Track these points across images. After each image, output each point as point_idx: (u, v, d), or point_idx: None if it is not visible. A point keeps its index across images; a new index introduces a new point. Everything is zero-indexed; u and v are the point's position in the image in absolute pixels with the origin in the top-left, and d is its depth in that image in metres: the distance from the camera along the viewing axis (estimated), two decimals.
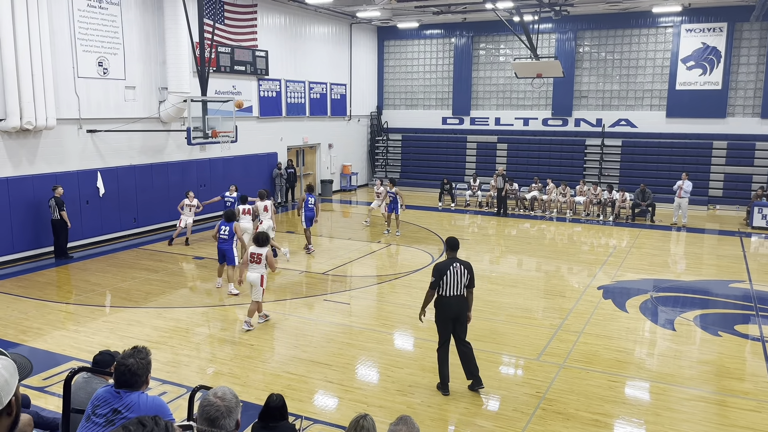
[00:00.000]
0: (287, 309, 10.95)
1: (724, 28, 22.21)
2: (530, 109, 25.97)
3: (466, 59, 26.61)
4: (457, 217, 20.91)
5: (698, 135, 22.96)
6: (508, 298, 11.60)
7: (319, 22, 24.15)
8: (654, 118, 23.77)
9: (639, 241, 16.84)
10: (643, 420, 7.00)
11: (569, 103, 24.97)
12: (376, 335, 9.59)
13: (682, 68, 22.93)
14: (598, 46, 24.56)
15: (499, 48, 26.34)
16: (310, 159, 25.06)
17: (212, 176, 19.24)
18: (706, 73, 22.62)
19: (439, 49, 27.46)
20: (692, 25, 22.64)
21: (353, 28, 26.30)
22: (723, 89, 22.46)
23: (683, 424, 6.87)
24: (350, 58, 26.46)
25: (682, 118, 23.19)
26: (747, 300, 11.62)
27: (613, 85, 24.42)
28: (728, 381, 8.05)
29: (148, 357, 3.75)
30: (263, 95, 21.45)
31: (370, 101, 28.43)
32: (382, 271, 13.58)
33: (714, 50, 22.41)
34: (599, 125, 24.58)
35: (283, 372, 8.17)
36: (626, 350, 9.07)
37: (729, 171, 22.30)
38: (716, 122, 22.77)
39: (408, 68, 28.18)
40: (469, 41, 26.46)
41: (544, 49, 24.64)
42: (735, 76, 22.57)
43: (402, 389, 7.65)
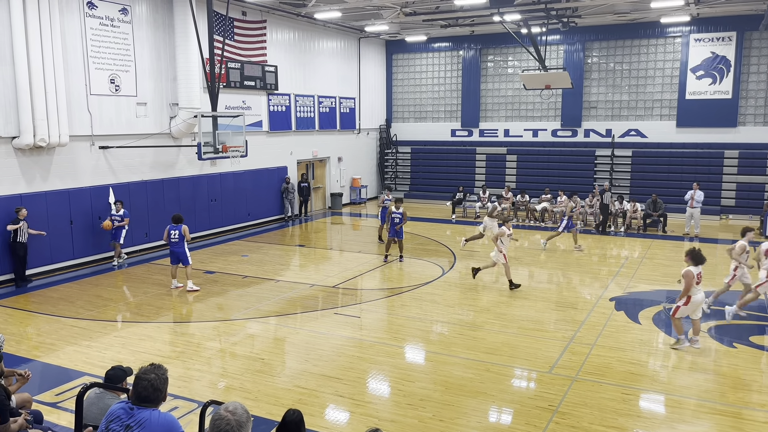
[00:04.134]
0: (298, 323, 10.96)
1: (733, 37, 22.15)
2: (539, 121, 25.95)
3: (474, 71, 26.68)
4: (469, 230, 20.85)
5: (709, 144, 22.83)
6: (519, 310, 11.54)
7: (327, 36, 24.35)
8: (664, 128, 23.67)
9: (651, 252, 16.71)
10: None
11: (578, 114, 24.93)
12: (386, 349, 9.57)
13: (691, 78, 22.86)
14: (606, 57, 24.55)
15: (507, 60, 26.40)
16: (320, 172, 25.16)
17: (222, 191, 19.36)
18: (716, 82, 22.53)
19: (447, 62, 27.57)
20: (701, 35, 22.59)
21: (362, 42, 26.48)
22: (734, 98, 22.35)
23: None
24: (359, 71, 26.62)
25: (692, 127, 23.07)
26: (762, 311, 11.47)
27: (623, 96, 24.38)
28: (744, 393, 7.94)
29: (167, 373, 3.77)
30: (273, 110, 21.60)
31: (379, 114, 28.55)
32: (393, 284, 13.56)
33: (723, 59, 22.34)
34: (609, 136, 24.51)
35: (294, 386, 8.16)
36: (640, 362, 8.98)
37: (741, 180, 22.13)
38: (727, 131, 22.63)
39: (416, 81, 28.30)
40: (477, 53, 26.55)
41: (553, 60, 24.66)
42: (745, 85, 22.46)
43: (413, 403, 7.61)
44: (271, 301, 12.26)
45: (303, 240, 19.43)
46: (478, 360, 9.04)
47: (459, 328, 10.55)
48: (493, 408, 7.56)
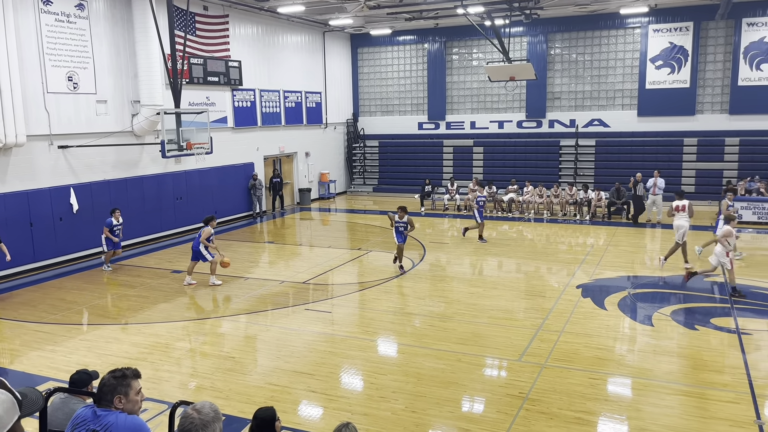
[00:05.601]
0: (268, 320, 10.88)
1: (690, 27, 22.68)
2: (505, 112, 26.20)
3: (439, 64, 26.78)
4: (437, 222, 20.97)
5: (669, 133, 23.39)
6: (489, 300, 11.66)
7: (292, 31, 24.13)
8: (626, 118, 24.16)
9: (616, 239, 17.06)
10: (625, 416, 7.08)
11: (543, 105, 25.26)
12: (358, 342, 9.57)
13: (651, 68, 23.35)
14: (569, 48, 24.90)
15: (472, 52, 26.57)
16: (288, 168, 24.98)
17: (188, 189, 19.07)
18: (674, 71, 23.06)
19: (412, 55, 27.60)
20: (659, 25, 23.08)
21: (326, 36, 26.32)
22: (691, 87, 22.91)
23: (664, 418, 6.96)
24: (324, 66, 26.47)
25: (653, 116, 23.60)
26: (722, 293, 11.83)
27: (585, 86, 24.77)
28: (707, 374, 8.18)
29: (124, 380, 3.65)
30: (238, 105, 21.34)
31: (345, 108, 28.45)
32: (363, 278, 13.56)
33: (681, 49, 22.87)
34: (573, 126, 24.90)
35: (265, 383, 8.11)
36: (606, 347, 9.17)
37: (700, 167, 22.73)
38: (686, 120, 23.20)
39: (382, 75, 28.28)
40: (442, 46, 26.65)
41: (516, 52, 24.91)
42: (702, 74, 23.04)
43: (386, 396, 7.64)
44: (240, 299, 12.14)
45: (272, 236, 19.29)
46: (449, 350, 9.12)
47: (430, 320, 10.62)
48: (465, 397, 7.63)
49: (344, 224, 21.44)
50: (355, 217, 22.09)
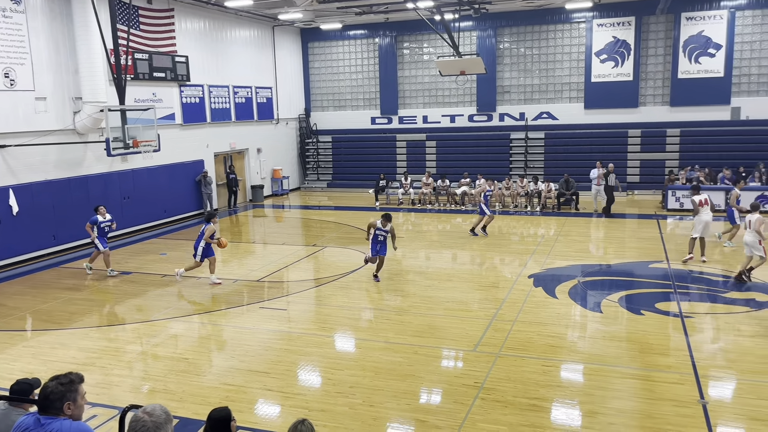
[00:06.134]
0: (222, 319, 10.71)
1: (632, 21, 23.38)
2: (456, 106, 26.46)
3: (390, 59, 26.82)
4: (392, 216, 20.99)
5: (614, 124, 24.07)
6: (445, 292, 11.77)
7: (240, 25, 23.73)
8: (573, 110, 24.74)
9: (565, 229, 17.47)
10: (576, 401, 7.27)
11: (493, 99, 25.62)
12: (315, 339, 9.52)
13: (596, 61, 23.97)
14: (517, 42, 25.31)
15: (423, 47, 26.70)
16: (239, 165, 24.60)
17: (136, 188, 18.55)
18: (618, 65, 23.74)
19: (363, 50, 27.55)
20: (603, 20, 23.70)
21: (276, 31, 25.99)
22: (634, 80, 23.64)
23: (614, 401, 7.18)
24: (274, 60, 26.13)
25: (598, 108, 24.24)
26: (666, 279, 12.27)
27: (534, 80, 25.24)
28: (653, 357, 8.48)
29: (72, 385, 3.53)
30: (186, 102, 20.86)
31: (297, 104, 28.19)
32: (319, 275, 13.49)
33: (624, 43, 23.55)
34: (522, 119, 25.34)
35: (220, 384, 7.98)
36: (558, 335, 9.39)
37: (644, 157, 23.49)
38: (630, 112, 23.94)
39: (334, 69, 28.13)
40: (393, 41, 26.68)
41: (466, 46, 25.17)
42: (645, 67, 23.79)
43: (343, 391, 7.63)
44: (193, 299, 11.90)
45: (225, 235, 18.95)
46: (406, 343, 9.17)
47: (386, 314, 10.65)
48: (422, 389, 7.69)
49: (298, 221, 21.28)
50: (310, 214, 21.95)
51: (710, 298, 11.07)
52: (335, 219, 20.20)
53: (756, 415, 6.74)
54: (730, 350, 8.63)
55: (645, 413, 6.88)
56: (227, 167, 23.18)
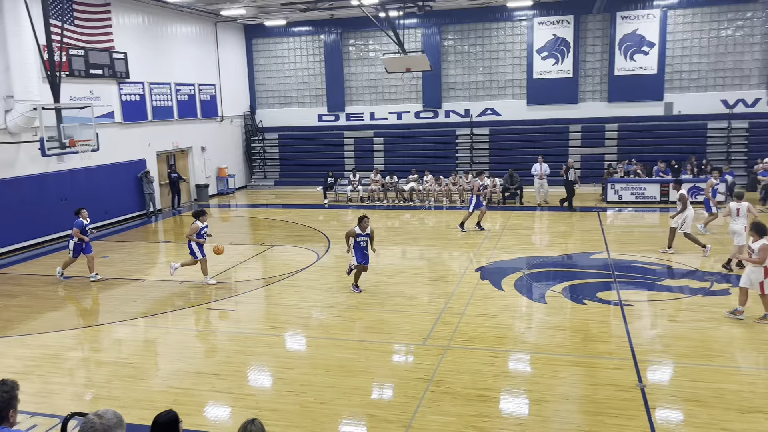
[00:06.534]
0: (169, 322, 10.47)
1: (570, 20, 24.06)
2: (403, 103, 26.63)
3: (336, 56, 26.74)
4: (341, 213, 21.01)
5: (556, 120, 24.75)
6: (394, 287, 11.86)
7: (181, 21, 23.17)
8: (516, 107, 25.29)
9: (510, 223, 17.86)
10: (523, 390, 7.48)
11: (438, 96, 25.91)
12: (264, 339, 9.44)
13: (537, 58, 24.57)
14: (461, 40, 25.67)
15: (368, 44, 26.74)
16: (183, 164, 24.05)
17: (74, 189, 17.88)
18: (558, 62, 24.40)
19: (309, 47, 27.37)
20: (543, 18, 24.30)
21: (219, 27, 25.51)
22: (574, 77, 24.35)
23: (558, 388, 7.42)
24: (218, 57, 25.65)
25: (540, 105, 24.86)
26: (606, 269, 12.73)
27: (478, 77, 25.65)
28: (595, 344, 8.79)
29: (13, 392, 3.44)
30: (125, 99, 20.24)
31: (242, 101, 27.77)
32: (268, 273, 13.36)
33: (564, 41, 24.22)
34: (468, 115, 25.74)
35: (168, 387, 7.82)
36: (505, 326, 9.62)
37: (584, 152, 24.24)
38: (570, 108, 24.65)
39: (279, 66, 27.84)
40: (339, 37, 26.61)
41: (411, 43, 25.32)
42: (584, 64, 24.54)
43: (294, 389, 7.60)
44: (137, 302, 11.59)
45: (169, 235, 18.54)
46: (356, 340, 9.21)
47: (337, 311, 10.66)
48: (373, 384, 7.75)
49: (246, 220, 21.00)
50: (257, 212, 21.68)
51: (647, 286, 11.55)
52: (284, 217, 20.04)
53: (691, 396, 7.09)
54: (666, 335, 9.04)
55: (588, 399, 7.14)
56: (169, 166, 22.62)
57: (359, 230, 11.51)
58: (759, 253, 9.07)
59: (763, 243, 9.09)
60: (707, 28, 23.19)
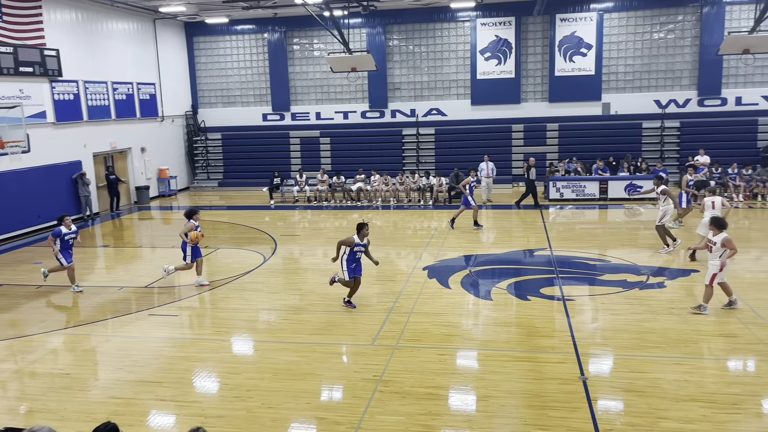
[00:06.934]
0: (108, 330, 10.10)
1: (512, 21, 24.57)
2: (349, 103, 26.58)
3: (280, 54, 26.44)
4: (288, 214, 20.78)
5: (499, 120, 25.22)
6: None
7: (118, 17, 22.40)
8: (461, 107, 25.64)
9: (457, 221, 18.05)
10: (471, 386, 7.57)
11: (384, 96, 25.98)
12: (209, 344, 9.22)
13: (480, 59, 24.97)
14: (406, 40, 25.82)
15: (313, 43, 26.56)
16: (122, 165, 23.27)
17: (3, 192, 17.02)
18: (501, 63, 24.87)
19: (252, 45, 26.96)
20: (486, 20, 24.72)
21: (158, 24, 24.80)
22: (516, 77, 24.88)
23: (505, 383, 7.55)
24: (157, 55, 24.93)
25: (484, 105, 25.29)
26: (549, 265, 13.05)
27: (423, 77, 25.87)
28: (539, 339, 9.00)
29: None
30: (58, 99, 19.41)
31: (183, 100, 27.09)
32: (213, 277, 13.05)
33: (506, 42, 24.71)
34: (413, 115, 25.92)
35: (107, 398, 7.53)
36: (452, 324, 9.72)
37: (527, 151, 24.77)
38: (513, 108, 25.17)
39: (222, 65, 27.31)
40: (283, 36, 26.32)
41: (356, 43, 25.32)
42: (525, 65, 25.10)
43: (240, 395, 7.46)
44: (74, 310, 11.14)
45: (107, 240, 17.90)
46: (304, 342, 9.11)
47: (284, 314, 10.52)
48: (322, 387, 7.68)
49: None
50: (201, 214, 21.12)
51: (588, 281, 11.91)
52: (228, 219, 19.66)
53: (630, 387, 7.35)
54: (606, 329, 9.33)
55: (533, 393, 7.29)
56: (107, 168, 21.85)
57: (358, 239, 10.41)
58: (726, 245, 9.48)
59: (725, 236, 9.54)
60: (641, 31, 24.13)
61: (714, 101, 23.83)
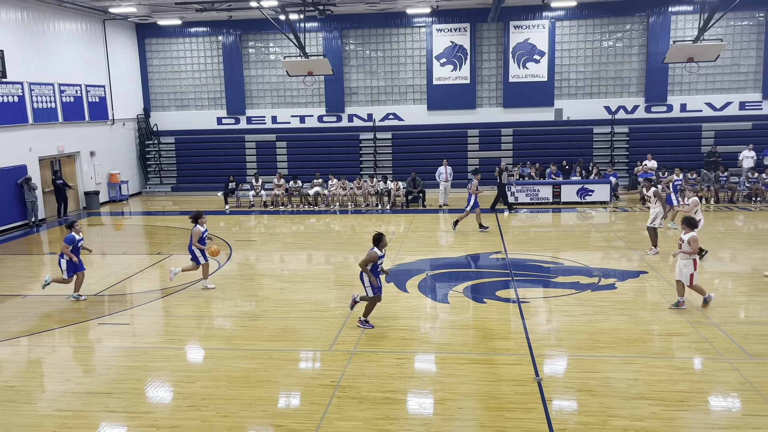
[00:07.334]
0: (55, 340, 9.75)
1: (467, 28, 24.92)
2: (305, 107, 26.45)
3: (235, 57, 26.13)
4: (244, 219, 20.50)
5: (455, 125, 25.51)
6: (300, 294, 11.70)
7: (65, 18, 21.73)
8: (417, 111, 25.84)
9: (414, 225, 18.19)
10: (428, 390, 7.61)
11: (341, 100, 25.95)
12: (162, 353, 9.00)
13: (436, 65, 25.23)
14: (363, 45, 25.87)
15: (269, 46, 26.35)
16: (70, 169, 22.54)
17: None
18: (456, 68, 25.19)
19: (206, 48, 26.56)
20: (441, 26, 25.01)
21: (107, 25, 24.16)
22: (471, 83, 25.23)
23: (461, 386, 7.61)
24: (107, 57, 24.29)
25: (440, 110, 25.55)
26: (504, 268, 13.25)
27: (380, 82, 25.96)
28: (495, 342, 9.11)
29: None
30: (2, 101, 18.69)
31: (135, 103, 26.46)
32: (165, 284, 12.75)
33: (461, 48, 25.04)
34: (370, 120, 25.97)
35: (54, 411, 7.26)
36: (410, 328, 9.75)
37: (482, 155, 25.15)
38: (468, 113, 25.51)
39: (175, 67, 26.80)
40: (238, 39, 26.02)
41: (313, 47, 25.23)
42: (480, 71, 25.48)
43: (195, 404, 7.30)
44: (18, 320, 10.70)
45: (55, 247, 17.27)
46: (260, 349, 8.99)
47: (240, 320, 10.36)
48: (278, 394, 7.59)
49: (141, 228, 19.98)
50: (153, 220, 20.69)
51: (542, 283, 12.13)
52: (182, 225, 19.25)
53: (583, 387, 7.51)
54: (560, 330, 9.52)
55: (489, 395, 7.37)
56: (54, 173, 21.12)
57: (379, 251, 9.57)
58: (690, 244, 9.78)
59: (693, 235, 9.84)
60: (591, 39, 24.81)
61: (660, 108, 24.69)
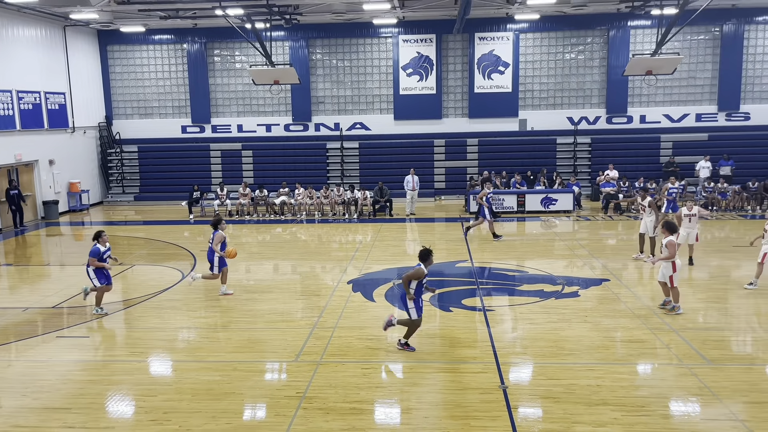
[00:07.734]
0: (11, 354, 9.45)
1: (433, 39, 25.19)
2: (272, 116, 26.31)
3: (201, 66, 25.87)
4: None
5: (421, 135, 25.70)
6: (265, 304, 11.59)
7: (24, 23, 21.22)
8: (384, 121, 25.95)
9: (381, 234, 18.21)
10: (394, 399, 7.60)
11: (308, 109, 25.91)
12: (123, 366, 8.79)
13: (403, 75, 25.41)
14: (329, 54, 25.90)
15: (235, 55, 26.17)
16: (28, 178, 21.92)
17: None
18: (423, 79, 25.41)
19: (171, 55, 26.23)
20: (408, 36, 25.22)
21: (68, 31, 23.67)
22: (438, 93, 25.47)
23: (427, 395, 7.63)
24: (67, 64, 23.78)
25: (407, 120, 25.72)
26: (470, 276, 13.36)
27: (347, 91, 26.01)
28: (461, 350, 9.16)
29: None
30: None
31: (96, 111, 25.93)
32: (128, 295, 12.49)
33: (427, 59, 25.28)
34: (337, 129, 25.98)
35: (10, 427, 7.02)
36: (376, 338, 9.73)
37: (448, 165, 25.38)
38: (435, 123, 25.74)
39: (138, 75, 26.39)
40: (203, 47, 25.78)
41: (279, 56, 25.17)
42: (446, 81, 25.76)
43: (157, 418, 7.15)
44: None
45: (10, 258, 16.77)
46: (224, 361, 8.86)
47: (204, 332, 10.20)
48: (243, 406, 7.49)
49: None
50: (115, 230, 20.24)
51: (507, 291, 12.27)
52: (145, 234, 18.92)
53: (548, 394, 7.60)
54: (525, 338, 9.63)
55: (455, 403, 7.41)
56: (9, 182, 20.48)
57: (425, 269, 8.90)
58: (668, 249, 9.99)
59: (671, 239, 10.05)
60: (554, 51, 25.33)
61: (621, 119, 25.32)
